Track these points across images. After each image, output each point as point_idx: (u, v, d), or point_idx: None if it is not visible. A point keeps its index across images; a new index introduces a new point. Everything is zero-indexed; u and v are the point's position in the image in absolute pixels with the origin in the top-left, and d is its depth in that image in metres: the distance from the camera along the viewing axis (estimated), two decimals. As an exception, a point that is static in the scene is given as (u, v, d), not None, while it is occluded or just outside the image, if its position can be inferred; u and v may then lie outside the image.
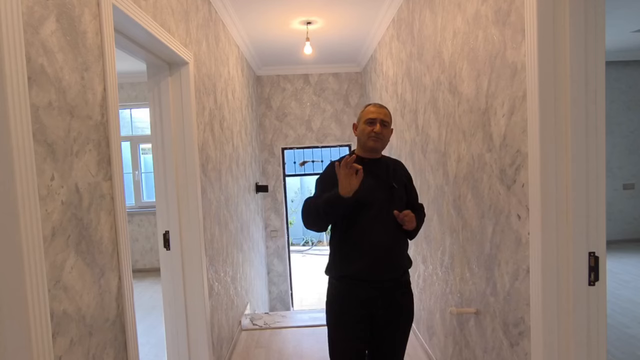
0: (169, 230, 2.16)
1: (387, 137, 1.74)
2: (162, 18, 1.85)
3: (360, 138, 1.75)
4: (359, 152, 1.77)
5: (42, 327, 0.92)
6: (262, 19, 3.56)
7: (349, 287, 1.67)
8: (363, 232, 1.64)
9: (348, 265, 1.66)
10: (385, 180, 1.72)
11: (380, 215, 1.65)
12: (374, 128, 1.69)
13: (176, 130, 2.15)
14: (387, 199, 1.68)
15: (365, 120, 1.72)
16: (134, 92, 5.52)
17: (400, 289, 1.72)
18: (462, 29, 1.90)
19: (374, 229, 1.64)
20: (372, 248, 1.64)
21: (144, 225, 5.60)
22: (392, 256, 1.67)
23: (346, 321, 1.68)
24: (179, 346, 2.22)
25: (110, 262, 1.28)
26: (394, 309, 1.69)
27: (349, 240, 1.67)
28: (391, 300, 1.68)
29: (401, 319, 1.72)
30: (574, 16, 1.21)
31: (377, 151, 1.75)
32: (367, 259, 1.63)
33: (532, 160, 1.29)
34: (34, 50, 0.97)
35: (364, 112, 1.75)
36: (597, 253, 1.25)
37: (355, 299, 1.66)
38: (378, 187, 1.69)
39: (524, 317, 1.44)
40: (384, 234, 1.65)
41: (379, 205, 1.66)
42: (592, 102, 1.23)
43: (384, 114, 1.72)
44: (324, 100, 5.58)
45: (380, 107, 1.74)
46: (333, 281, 1.73)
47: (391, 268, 1.68)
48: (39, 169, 0.96)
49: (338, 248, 1.71)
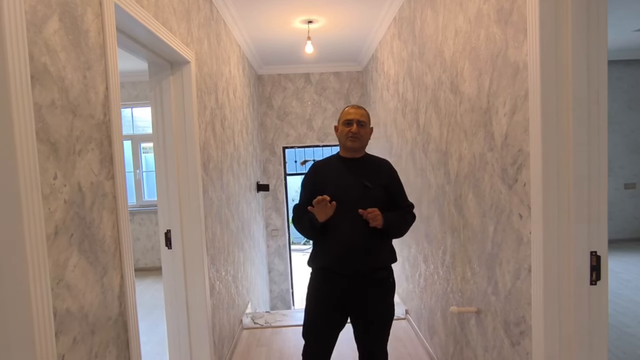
0: (170, 229, 2.16)
1: (365, 137, 1.83)
2: (164, 17, 1.85)
3: (340, 139, 1.86)
4: (341, 152, 1.89)
5: (45, 326, 0.93)
6: (263, 18, 3.56)
7: (322, 278, 1.82)
8: (334, 228, 1.75)
9: (321, 258, 1.81)
10: (361, 180, 1.79)
11: (350, 213, 1.73)
12: (351, 128, 1.79)
13: (178, 129, 2.16)
14: (358, 198, 1.75)
15: (343, 122, 1.83)
16: (135, 91, 5.53)
17: (372, 283, 1.78)
18: (464, 28, 1.90)
19: (343, 226, 1.74)
20: (339, 243, 1.75)
21: (145, 224, 5.61)
22: (358, 252, 1.75)
23: (319, 307, 1.82)
24: (181, 345, 2.22)
25: (112, 260, 1.28)
26: (365, 303, 1.78)
27: (323, 235, 1.79)
28: (361, 293, 1.78)
29: (375, 313, 1.80)
30: (576, 15, 1.21)
31: (356, 150, 1.85)
32: (335, 253, 1.76)
33: (534, 159, 1.29)
34: (37, 49, 0.97)
35: (342, 114, 1.86)
36: (599, 252, 1.25)
37: (327, 288, 1.80)
38: (351, 187, 1.78)
39: (525, 316, 1.44)
40: (352, 231, 1.74)
41: (350, 203, 1.73)
42: (594, 101, 1.23)
43: (360, 115, 1.81)
44: (325, 99, 5.58)
45: (358, 108, 1.84)
46: (311, 271, 1.89)
47: (356, 263, 1.75)
48: (42, 168, 0.97)
49: (315, 242, 1.86)
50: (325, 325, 1.83)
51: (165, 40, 1.81)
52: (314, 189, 1.79)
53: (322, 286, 1.82)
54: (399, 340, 3.05)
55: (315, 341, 1.85)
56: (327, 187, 1.78)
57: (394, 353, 2.85)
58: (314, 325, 1.84)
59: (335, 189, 1.75)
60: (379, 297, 1.80)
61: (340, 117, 1.87)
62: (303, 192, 1.89)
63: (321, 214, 1.68)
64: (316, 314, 1.83)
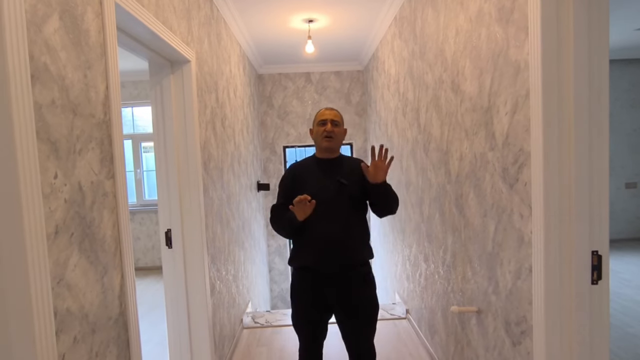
0: (171, 228, 2.16)
1: (339, 136, 1.89)
2: (164, 16, 1.85)
3: (316, 140, 1.91)
4: (317, 154, 1.94)
5: (46, 325, 0.93)
6: (263, 17, 3.55)
7: (305, 277, 1.85)
8: (314, 227, 1.79)
9: (302, 257, 1.84)
10: (337, 178, 1.83)
11: (327, 212, 1.78)
12: (325, 128, 1.85)
13: (178, 129, 2.16)
14: (334, 197, 1.80)
15: (317, 122, 1.89)
16: (135, 91, 5.53)
17: (353, 279, 1.82)
18: (465, 27, 1.90)
19: (322, 224, 1.78)
20: (318, 242, 1.79)
21: (146, 224, 5.61)
22: (339, 249, 1.79)
23: (302, 304, 1.88)
24: (181, 344, 2.22)
25: (113, 260, 1.28)
26: (348, 298, 1.82)
27: (302, 234, 1.82)
28: (343, 289, 1.81)
29: (360, 307, 1.83)
30: (577, 14, 1.21)
31: (332, 150, 1.90)
32: (314, 252, 1.79)
33: (535, 158, 1.29)
34: (37, 48, 0.97)
35: (316, 116, 1.92)
36: (600, 252, 1.24)
37: (308, 286, 1.84)
38: (327, 187, 1.82)
39: (526, 316, 1.44)
40: (331, 229, 1.78)
41: (327, 203, 1.78)
42: (596, 100, 1.23)
43: (333, 115, 1.88)
44: (325, 98, 5.57)
45: (330, 109, 1.91)
46: (292, 270, 1.94)
47: (337, 260, 1.79)
48: (42, 167, 0.97)
49: (295, 241, 1.89)
50: (311, 322, 1.87)
51: (165, 39, 1.81)
52: (293, 190, 1.84)
53: (305, 285, 1.85)
54: (399, 340, 3.05)
55: (305, 337, 1.90)
56: (305, 187, 1.82)
57: (394, 353, 2.85)
58: (301, 323, 1.90)
59: (313, 189, 1.79)
60: (362, 292, 1.83)
61: (314, 119, 1.93)
62: (281, 192, 1.92)
63: (300, 212, 1.72)
64: (302, 312, 1.88)
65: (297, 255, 1.87)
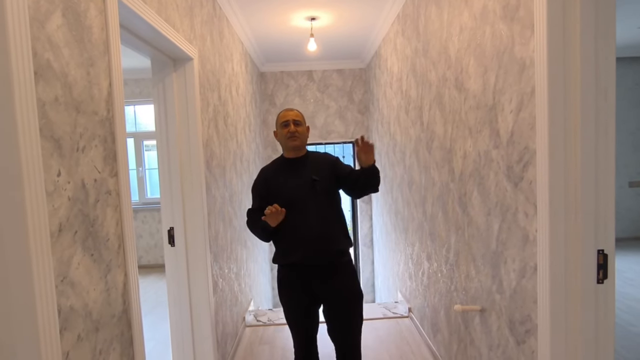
0: (173, 226, 2.16)
1: (304, 134, 1.96)
2: (167, 13, 1.85)
3: (282, 141, 1.96)
4: (285, 154, 2.00)
5: (50, 323, 0.93)
6: (266, 15, 3.54)
7: (289, 272, 1.92)
8: (292, 226, 1.85)
9: (284, 255, 1.90)
10: (308, 176, 1.89)
11: (305, 210, 1.85)
12: (289, 129, 1.91)
13: (181, 127, 2.15)
14: (309, 194, 1.87)
15: (280, 124, 1.95)
16: (137, 89, 5.53)
17: (336, 270, 1.90)
18: (469, 25, 1.89)
19: (301, 222, 1.85)
20: (301, 239, 1.85)
21: (148, 222, 5.62)
22: (320, 244, 1.85)
23: (290, 299, 1.94)
24: (184, 342, 2.23)
25: (116, 258, 1.28)
26: (333, 289, 1.89)
27: (283, 233, 1.88)
28: (328, 281, 1.88)
29: (343, 297, 1.90)
30: (584, 11, 1.19)
31: (299, 149, 1.96)
32: (298, 249, 1.85)
33: (540, 157, 1.28)
34: (40, 45, 0.96)
35: (277, 119, 1.98)
36: (606, 251, 1.23)
37: (294, 281, 1.90)
38: (301, 185, 1.88)
39: (531, 315, 1.43)
40: (310, 225, 1.84)
41: (303, 201, 1.86)
42: (602, 98, 1.21)
43: (294, 115, 1.95)
44: (327, 96, 5.56)
45: (290, 110, 1.98)
46: (279, 267, 1.97)
47: (319, 253, 1.86)
48: (45, 165, 0.96)
49: (276, 241, 1.94)
50: (303, 313, 1.93)
51: (168, 37, 1.80)
52: (266, 193, 1.92)
53: (292, 280, 1.91)
54: (402, 338, 3.05)
55: (299, 331, 1.96)
56: (279, 189, 1.90)
57: (396, 351, 2.85)
58: (294, 316, 1.95)
59: (287, 190, 1.87)
60: (345, 280, 1.91)
61: (276, 122, 1.99)
62: (255, 196, 1.99)
63: (273, 220, 1.78)
64: (293, 305, 1.93)
65: (282, 254, 1.92)
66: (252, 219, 1.95)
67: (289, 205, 1.82)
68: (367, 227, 5.69)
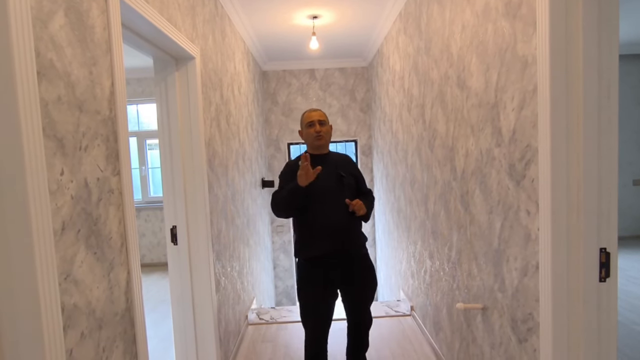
0: (176, 225, 2.17)
1: (328, 133, 2.10)
2: (169, 13, 1.85)
3: (308, 140, 2.11)
4: (310, 151, 2.13)
5: (54, 321, 0.93)
6: (268, 14, 3.54)
7: (313, 265, 2.02)
8: (316, 217, 1.97)
9: (308, 249, 2.01)
10: (334, 171, 2.04)
11: (331, 202, 1.98)
12: (314, 129, 2.05)
13: (183, 126, 2.16)
14: (336, 187, 2.02)
15: (306, 125, 2.09)
16: (140, 88, 5.54)
17: (355, 261, 2.06)
18: (471, 22, 1.88)
19: (325, 213, 1.97)
20: (325, 230, 1.97)
21: (151, 220, 5.64)
22: (342, 236, 1.99)
23: (313, 291, 2.02)
24: (187, 340, 2.24)
25: (119, 256, 1.28)
26: (351, 275, 2.04)
27: (307, 223, 2.00)
28: (348, 271, 2.03)
29: (361, 284, 2.08)
30: (587, 8, 1.19)
31: (323, 147, 2.11)
32: (322, 242, 1.97)
33: (543, 155, 1.28)
34: (42, 44, 0.97)
35: (303, 118, 2.11)
36: (609, 249, 1.23)
37: (318, 273, 2.00)
38: (328, 178, 2.01)
39: (533, 313, 1.43)
40: (334, 217, 1.97)
41: (330, 193, 1.99)
42: (605, 96, 1.21)
43: (319, 115, 2.08)
44: (330, 95, 5.56)
45: (315, 110, 2.11)
46: (300, 261, 2.08)
47: (342, 246, 1.99)
48: (48, 164, 0.97)
49: (299, 231, 2.06)
50: (323, 305, 2.04)
51: (170, 36, 1.80)
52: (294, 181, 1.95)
53: (314, 272, 2.01)
54: (404, 337, 3.05)
55: (314, 325, 2.05)
56: None
57: (398, 349, 2.85)
58: (313, 310, 2.04)
59: (314, 184, 1.92)
60: (364, 270, 2.09)
61: (301, 121, 2.12)
62: (282, 182, 2.07)
63: (303, 175, 1.81)
64: (313, 298, 2.02)
65: (304, 248, 2.02)
66: (278, 192, 2.00)
67: (314, 196, 1.92)
68: (370, 226, 5.69)
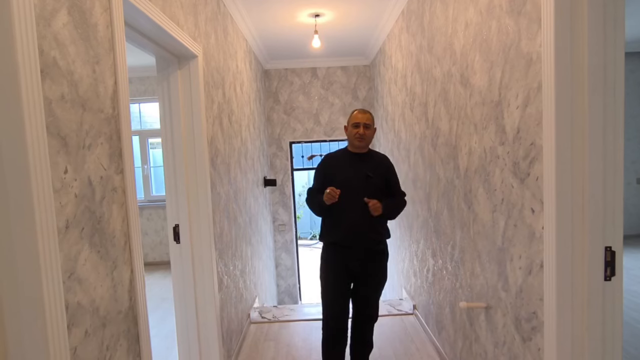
0: (178, 223, 2.17)
1: (370, 136, 2.23)
2: (171, 11, 1.85)
3: (349, 137, 2.25)
4: (349, 147, 2.29)
5: (58, 318, 0.93)
6: (270, 12, 3.53)
7: (334, 250, 2.23)
8: (342, 210, 2.16)
9: (332, 235, 2.22)
10: (365, 171, 2.18)
11: (355, 198, 2.13)
12: (358, 130, 2.19)
13: (185, 124, 2.16)
14: (362, 186, 2.16)
15: (352, 124, 2.22)
16: (142, 87, 5.55)
17: (372, 254, 2.22)
18: (475, 20, 1.87)
19: (349, 208, 2.14)
20: (346, 223, 2.16)
21: (154, 219, 5.65)
22: (362, 230, 2.16)
23: (331, 273, 2.24)
24: (190, 338, 2.24)
25: (122, 254, 1.28)
26: (367, 268, 2.21)
27: (332, 216, 2.21)
28: (364, 261, 2.20)
29: (373, 276, 2.25)
30: (592, 5, 1.18)
31: (362, 147, 2.25)
32: (344, 231, 2.17)
33: (547, 153, 1.27)
34: (46, 43, 0.97)
35: (351, 117, 2.24)
36: (614, 248, 1.22)
37: (338, 258, 2.22)
38: (356, 176, 2.17)
39: (537, 312, 1.42)
40: (357, 213, 2.14)
41: (355, 190, 2.14)
42: (611, 94, 1.20)
43: (366, 119, 2.20)
44: (332, 93, 5.55)
45: (364, 112, 2.23)
46: (323, 246, 2.30)
47: (361, 238, 2.17)
48: (52, 162, 0.97)
49: (325, 221, 2.28)
50: (340, 289, 2.23)
51: (172, 34, 1.80)
52: (326, 177, 2.23)
53: (334, 257, 2.22)
54: (406, 335, 3.04)
55: (335, 304, 2.23)
56: (337, 175, 2.18)
57: (401, 348, 2.85)
58: (332, 291, 2.23)
59: (343, 178, 2.16)
60: (378, 263, 2.25)
61: (349, 119, 2.25)
62: (316, 178, 2.31)
63: (328, 199, 2.10)
64: (332, 281, 2.22)
65: (328, 233, 2.24)
66: (311, 197, 2.29)
67: (342, 190, 2.10)
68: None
